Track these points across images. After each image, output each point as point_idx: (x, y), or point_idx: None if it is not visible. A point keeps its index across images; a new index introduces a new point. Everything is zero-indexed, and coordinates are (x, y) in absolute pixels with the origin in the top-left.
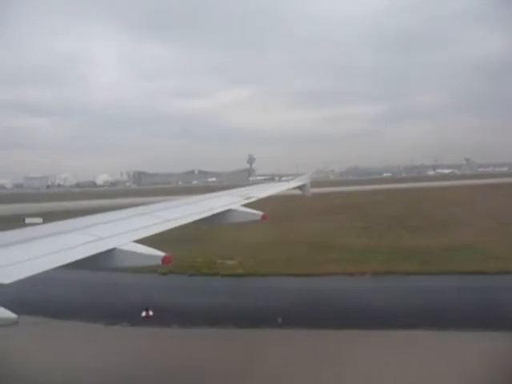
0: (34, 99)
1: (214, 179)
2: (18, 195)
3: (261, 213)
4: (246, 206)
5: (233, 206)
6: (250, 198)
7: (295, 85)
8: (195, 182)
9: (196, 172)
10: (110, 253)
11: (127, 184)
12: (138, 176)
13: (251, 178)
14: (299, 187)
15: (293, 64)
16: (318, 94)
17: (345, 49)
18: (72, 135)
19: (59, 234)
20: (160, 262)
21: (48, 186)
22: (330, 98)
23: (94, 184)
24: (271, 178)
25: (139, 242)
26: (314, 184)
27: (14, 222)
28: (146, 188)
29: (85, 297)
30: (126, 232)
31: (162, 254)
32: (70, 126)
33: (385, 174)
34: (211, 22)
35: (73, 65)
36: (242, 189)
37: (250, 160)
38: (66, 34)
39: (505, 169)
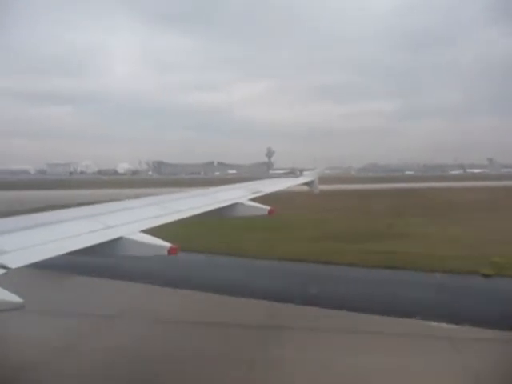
0: (55, 88)
1: (234, 171)
2: (53, 182)
3: (268, 207)
4: (254, 199)
5: (240, 200)
6: (258, 192)
7: (311, 80)
8: (217, 174)
9: (215, 164)
10: (116, 241)
11: (150, 173)
12: (158, 166)
13: (271, 172)
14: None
15: (309, 59)
16: (333, 89)
17: (362, 45)
18: (90, 124)
19: (67, 220)
20: (166, 253)
21: (71, 173)
22: (345, 94)
23: (115, 172)
24: (291, 172)
25: (147, 231)
26: (351, 180)
27: None
28: (168, 178)
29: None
30: (134, 221)
31: (168, 244)
32: (88, 116)
33: (407, 172)
34: (227, 15)
35: (92, 55)
36: (251, 183)
37: (269, 153)
38: (85, 25)
39: None
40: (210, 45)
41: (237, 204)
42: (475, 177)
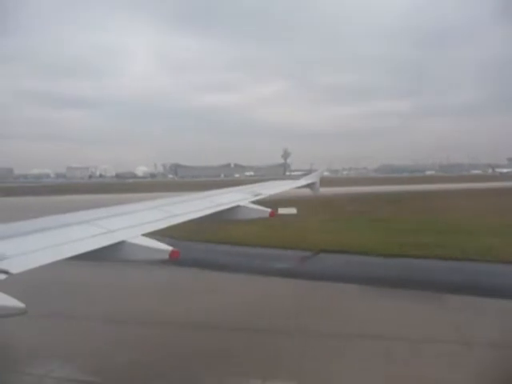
0: (70, 91)
1: (251, 173)
2: (85, 185)
3: (269, 210)
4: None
5: (241, 203)
6: (258, 194)
7: (324, 80)
8: (237, 176)
9: (232, 166)
10: (118, 246)
11: (170, 176)
12: (175, 168)
13: (287, 173)
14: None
15: (322, 59)
16: (347, 88)
17: (376, 43)
18: (103, 127)
19: (69, 225)
20: (167, 257)
21: (90, 177)
22: (359, 94)
23: (134, 175)
24: (307, 174)
25: (147, 235)
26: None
27: None
28: (191, 181)
29: None
30: (134, 226)
31: (169, 248)
32: (101, 119)
33: (428, 172)
34: (239, 15)
35: (106, 57)
36: (250, 186)
37: (285, 155)
38: (99, 27)
39: None
40: (223, 45)
41: (238, 207)
42: (506, 176)
